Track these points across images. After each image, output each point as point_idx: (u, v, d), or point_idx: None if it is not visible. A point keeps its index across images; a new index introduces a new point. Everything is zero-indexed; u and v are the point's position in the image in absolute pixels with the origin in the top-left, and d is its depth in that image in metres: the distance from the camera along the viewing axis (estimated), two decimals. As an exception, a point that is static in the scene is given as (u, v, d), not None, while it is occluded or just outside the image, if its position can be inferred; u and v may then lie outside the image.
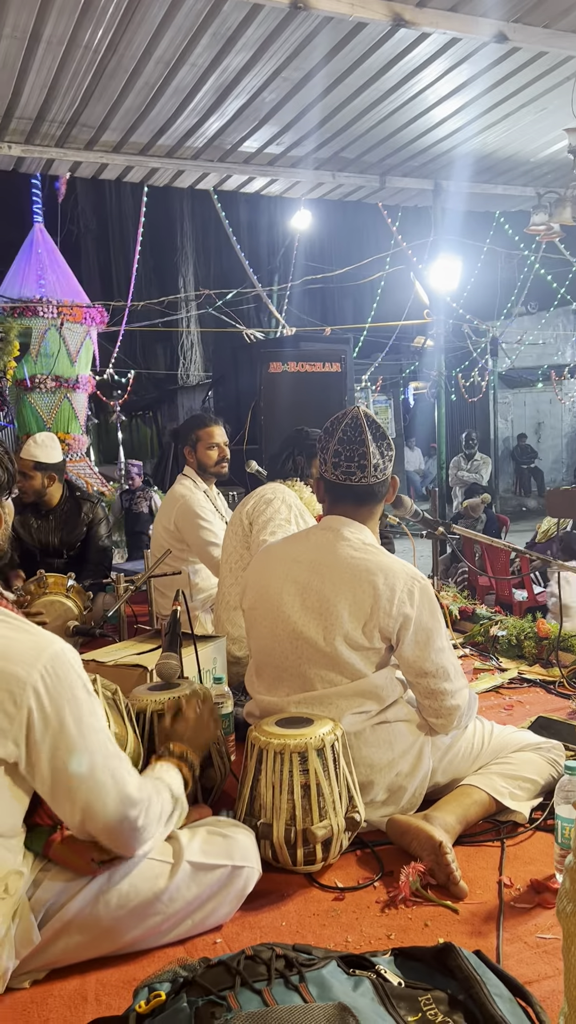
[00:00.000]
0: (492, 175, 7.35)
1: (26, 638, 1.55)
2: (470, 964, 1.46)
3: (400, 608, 2.14)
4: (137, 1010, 1.38)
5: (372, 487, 2.27)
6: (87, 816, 1.57)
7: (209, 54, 4.82)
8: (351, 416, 2.26)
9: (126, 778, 1.61)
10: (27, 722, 1.51)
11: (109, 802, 1.57)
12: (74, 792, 1.55)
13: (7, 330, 6.75)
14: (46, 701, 1.52)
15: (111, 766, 1.58)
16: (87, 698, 1.58)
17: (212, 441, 4.20)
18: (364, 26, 4.50)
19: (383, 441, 2.27)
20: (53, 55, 4.72)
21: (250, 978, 1.37)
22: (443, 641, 2.21)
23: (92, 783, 1.56)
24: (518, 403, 17.93)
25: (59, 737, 1.53)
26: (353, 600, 2.16)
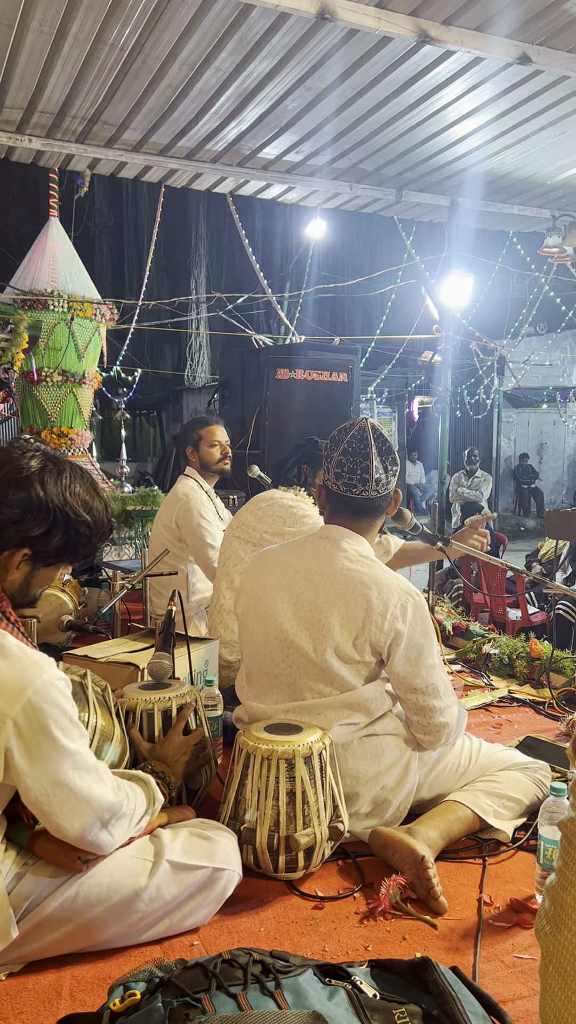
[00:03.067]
0: (508, 195, 7.38)
1: (13, 668, 1.54)
2: (446, 980, 1.46)
3: (392, 624, 2.13)
4: (111, 1008, 1.37)
5: (372, 501, 2.26)
6: (63, 827, 1.59)
7: (234, 59, 4.84)
8: (358, 428, 2.26)
9: (103, 790, 1.62)
10: (5, 752, 1.52)
11: (86, 815, 1.59)
12: (55, 812, 1.57)
13: (17, 322, 6.74)
14: (26, 734, 1.52)
15: (87, 783, 1.59)
16: (69, 726, 1.57)
17: (214, 439, 4.22)
18: (389, 41, 4.52)
19: (388, 456, 2.26)
20: (79, 51, 4.74)
21: (226, 982, 1.37)
22: (434, 658, 2.21)
23: (72, 803, 1.57)
24: (522, 423, 17.94)
25: (40, 766, 1.54)
26: (346, 612, 2.16)
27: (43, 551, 1.65)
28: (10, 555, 1.63)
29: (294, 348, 7.37)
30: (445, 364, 8.27)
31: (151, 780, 1.85)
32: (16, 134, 5.90)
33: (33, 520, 1.61)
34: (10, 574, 1.65)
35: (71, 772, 1.57)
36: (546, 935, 1.07)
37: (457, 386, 10.48)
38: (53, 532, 1.64)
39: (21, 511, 1.60)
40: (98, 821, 1.61)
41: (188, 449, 4.26)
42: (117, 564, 6.09)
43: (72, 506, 1.65)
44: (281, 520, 3.28)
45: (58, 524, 1.64)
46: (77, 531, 1.67)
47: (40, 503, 1.61)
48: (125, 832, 1.71)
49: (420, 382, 14.50)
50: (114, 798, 1.64)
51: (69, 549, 1.68)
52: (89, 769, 1.61)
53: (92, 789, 1.60)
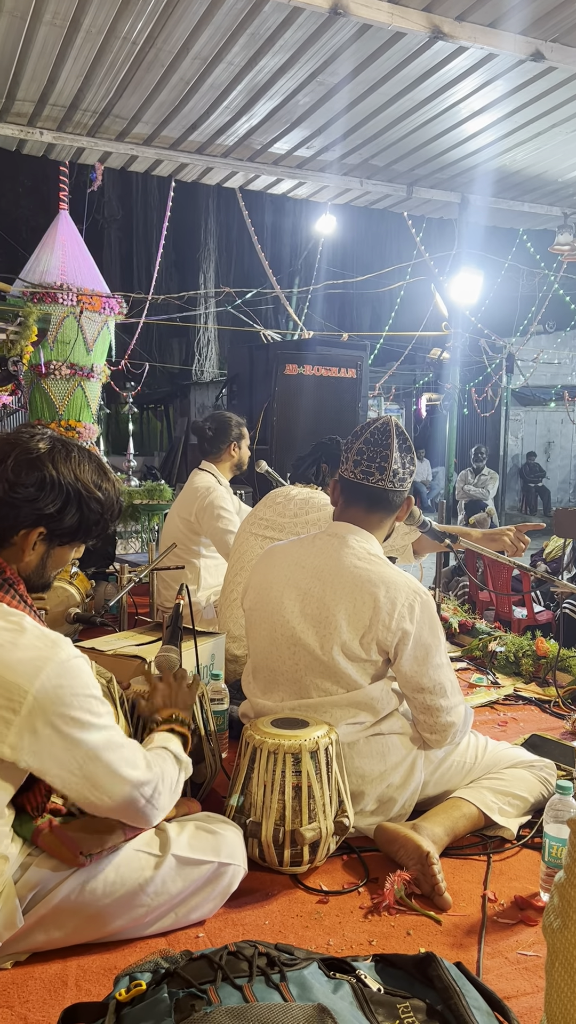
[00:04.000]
0: (518, 192, 7.36)
1: (31, 643, 1.54)
2: (450, 975, 1.46)
3: (399, 623, 2.13)
4: (117, 998, 1.38)
5: (387, 492, 2.24)
6: (105, 806, 1.61)
7: (246, 54, 4.84)
8: (382, 422, 2.26)
9: (136, 764, 1.63)
10: (29, 728, 1.51)
11: (122, 792, 1.60)
12: (91, 789, 1.57)
13: (26, 315, 6.75)
14: (48, 710, 1.52)
15: (122, 757, 1.60)
16: (90, 701, 1.58)
17: (249, 440, 4.31)
18: (402, 36, 4.52)
19: (408, 454, 2.26)
20: (91, 44, 4.75)
21: (232, 974, 1.38)
22: (442, 657, 2.20)
23: (105, 778, 1.58)
24: (529, 421, 17.92)
25: (64, 742, 1.54)
26: (353, 611, 2.15)
27: (58, 529, 1.66)
28: (26, 534, 1.64)
29: (303, 344, 7.37)
30: (454, 361, 8.26)
31: (169, 741, 1.84)
32: (28, 127, 5.91)
33: (47, 498, 1.63)
34: (26, 555, 1.66)
35: (101, 747, 1.57)
36: (553, 932, 1.08)
37: (465, 383, 10.45)
38: (67, 509, 1.65)
39: (35, 489, 1.61)
40: (140, 796, 1.63)
41: (232, 446, 4.27)
42: (124, 557, 6.11)
43: (84, 483, 1.67)
44: (303, 510, 3.29)
45: (71, 501, 1.65)
46: (90, 507, 1.68)
47: (53, 481, 1.63)
48: (169, 801, 1.72)
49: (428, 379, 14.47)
50: (149, 774, 1.65)
51: (83, 527, 1.69)
52: (120, 744, 1.62)
53: (125, 764, 1.60)
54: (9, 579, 1.61)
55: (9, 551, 1.65)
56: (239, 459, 4.31)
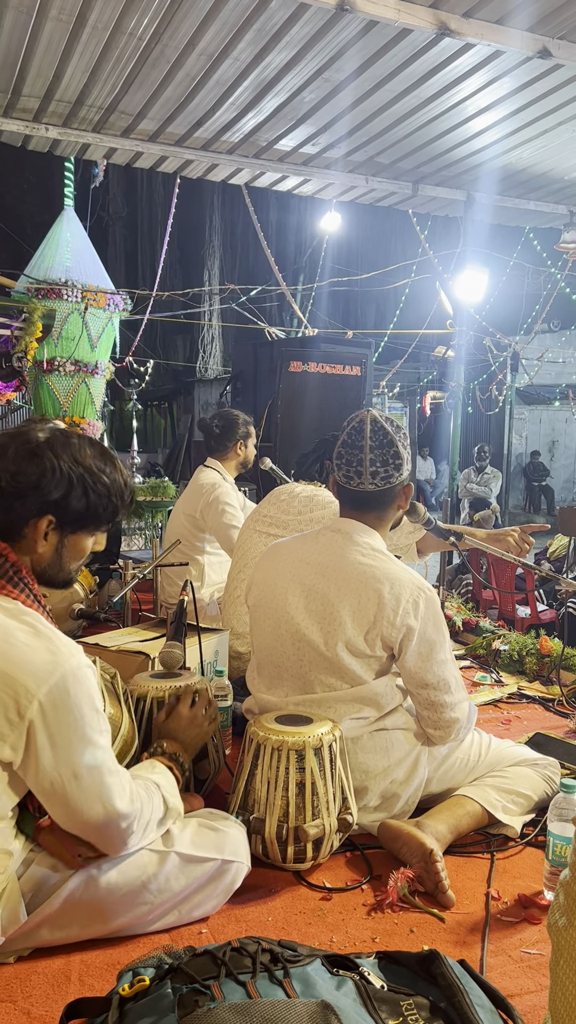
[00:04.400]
0: (524, 190, 7.34)
1: (43, 647, 1.54)
2: (454, 973, 1.46)
3: (404, 619, 2.12)
4: (120, 993, 1.38)
5: (371, 494, 2.23)
6: (78, 823, 1.59)
7: (252, 50, 4.82)
8: (358, 420, 2.24)
9: (121, 794, 1.61)
10: (28, 732, 1.51)
11: (102, 814, 1.59)
12: (68, 802, 1.56)
13: (31, 311, 6.76)
14: (51, 717, 1.51)
15: (108, 783, 1.59)
16: (93, 716, 1.57)
17: (256, 439, 4.31)
18: (408, 33, 4.49)
19: (388, 448, 2.21)
20: (97, 40, 4.73)
21: (235, 970, 1.38)
22: (446, 653, 2.20)
23: (87, 797, 1.57)
24: (534, 420, 17.89)
25: (61, 753, 1.53)
26: (357, 607, 2.15)
27: (66, 516, 1.65)
28: (35, 524, 1.63)
29: (307, 341, 7.36)
30: (458, 359, 8.23)
31: (162, 780, 1.82)
32: (33, 123, 5.89)
33: (50, 484, 1.61)
34: (39, 546, 1.65)
35: (93, 766, 1.56)
36: (559, 929, 1.07)
37: (469, 382, 10.44)
38: (72, 494, 1.64)
39: (37, 477, 1.61)
40: (114, 827, 1.61)
41: (238, 444, 4.27)
42: (128, 554, 6.11)
43: (86, 467, 1.66)
44: (307, 508, 3.29)
45: (75, 486, 1.64)
46: (96, 491, 1.67)
47: (54, 467, 1.62)
48: (141, 838, 1.69)
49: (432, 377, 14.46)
50: (131, 807, 1.63)
51: (92, 512, 1.68)
52: (112, 770, 1.60)
53: (109, 791, 1.58)
54: (24, 578, 1.61)
55: (22, 545, 1.64)
56: (245, 458, 4.31)
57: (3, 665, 1.49)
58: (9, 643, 1.52)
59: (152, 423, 22.40)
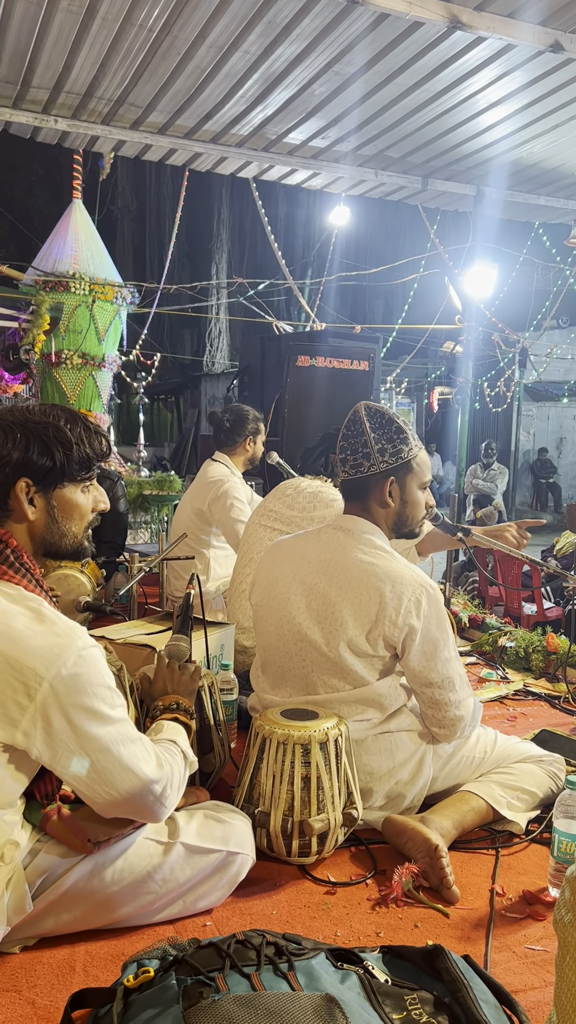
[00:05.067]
0: (535, 185, 7.31)
1: (50, 632, 1.53)
2: (458, 968, 1.46)
3: (406, 618, 2.10)
4: (125, 984, 1.39)
5: (347, 483, 2.28)
6: (114, 799, 1.59)
7: (262, 42, 4.81)
8: (352, 414, 2.27)
9: (148, 760, 1.62)
10: (43, 716, 1.50)
11: (136, 784, 1.58)
12: (100, 781, 1.56)
13: (39, 303, 6.76)
14: (64, 698, 1.50)
15: (133, 752, 1.59)
16: (106, 691, 1.57)
17: (264, 436, 4.29)
18: (420, 26, 4.48)
19: (390, 425, 2.22)
20: (107, 32, 4.72)
21: (240, 962, 1.38)
22: (450, 651, 2.18)
23: (117, 770, 1.56)
24: (541, 416, 17.84)
25: (80, 732, 1.53)
26: (358, 606, 2.13)
27: (38, 474, 1.62)
28: (14, 492, 1.61)
29: (315, 335, 7.35)
30: (466, 355, 8.22)
31: (178, 734, 1.83)
32: (42, 114, 5.89)
33: (6, 447, 1.59)
34: (29, 512, 1.63)
35: (114, 740, 1.56)
36: (565, 925, 1.07)
37: (478, 378, 10.41)
38: (31, 449, 1.61)
39: None
40: (149, 793, 1.61)
41: (247, 439, 4.27)
42: (134, 548, 6.11)
43: (36, 421, 1.63)
44: (311, 505, 3.28)
45: (32, 440, 1.61)
46: (58, 440, 1.63)
47: (4, 429, 1.60)
48: (177, 798, 1.70)
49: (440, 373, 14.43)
50: (160, 771, 1.63)
51: (62, 463, 1.64)
52: (132, 739, 1.60)
53: (136, 759, 1.59)
54: (25, 563, 1.61)
55: (15, 520, 1.63)
56: (253, 454, 4.30)
57: (8, 650, 1.49)
58: (13, 628, 1.51)
59: (159, 417, 22.42)
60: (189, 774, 1.80)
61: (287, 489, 3.40)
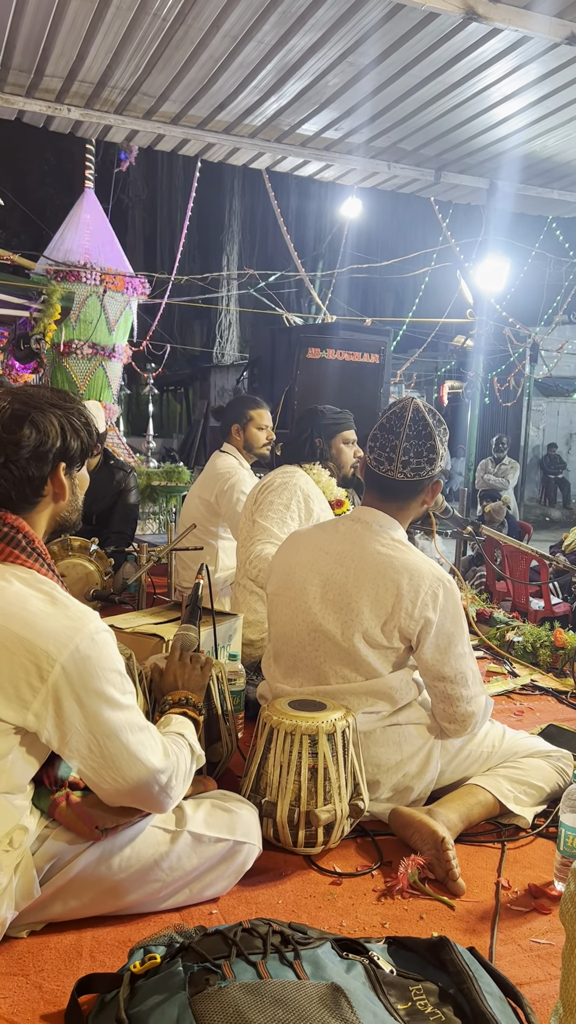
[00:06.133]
0: (548, 179, 7.26)
1: (62, 613, 1.55)
2: (463, 960, 1.46)
3: (422, 611, 2.10)
4: (132, 970, 1.40)
5: (398, 483, 2.19)
6: (120, 788, 1.60)
7: (277, 32, 4.79)
8: (400, 406, 2.21)
9: (155, 749, 1.63)
10: (54, 699, 1.51)
11: (143, 772, 1.59)
12: (107, 766, 1.57)
13: (50, 293, 6.76)
14: (76, 680, 1.51)
15: (141, 740, 1.60)
16: (117, 677, 1.58)
17: (263, 422, 4.25)
18: (435, 17, 4.45)
19: (425, 441, 2.17)
20: (122, 20, 4.71)
21: (246, 950, 1.39)
22: (464, 646, 2.17)
23: (125, 757, 1.57)
24: (552, 412, 17.77)
25: (90, 714, 1.54)
26: (375, 598, 2.13)
27: (71, 458, 1.68)
28: (54, 477, 1.66)
29: (326, 328, 7.32)
30: (477, 349, 8.19)
31: (185, 727, 1.84)
32: (55, 103, 5.88)
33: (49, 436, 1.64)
34: (66, 493, 1.69)
35: (122, 726, 1.57)
36: (571, 918, 1.07)
37: (488, 372, 10.37)
38: (66, 432, 1.66)
39: (38, 436, 1.62)
40: (155, 783, 1.62)
41: (235, 427, 4.25)
42: (143, 538, 6.13)
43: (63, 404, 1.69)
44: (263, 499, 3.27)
45: (65, 423, 1.67)
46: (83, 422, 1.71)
47: (43, 421, 1.64)
48: (182, 790, 1.71)
49: (450, 367, 14.38)
50: (167, 761, 1.64)
51: (85, 445, 1.71)
52: (141, 727, 1.61)
53: (144, 748, 1.60)
54: (38, 548, 1.62)
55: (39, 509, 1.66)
56: (244, 441, 4.26)
57: (22, 631, 1.50)
58: (27, 610, 1.53)
59: (168, 408, 22.44)
60: (196, 768, 1.81)
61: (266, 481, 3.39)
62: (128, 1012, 1.30)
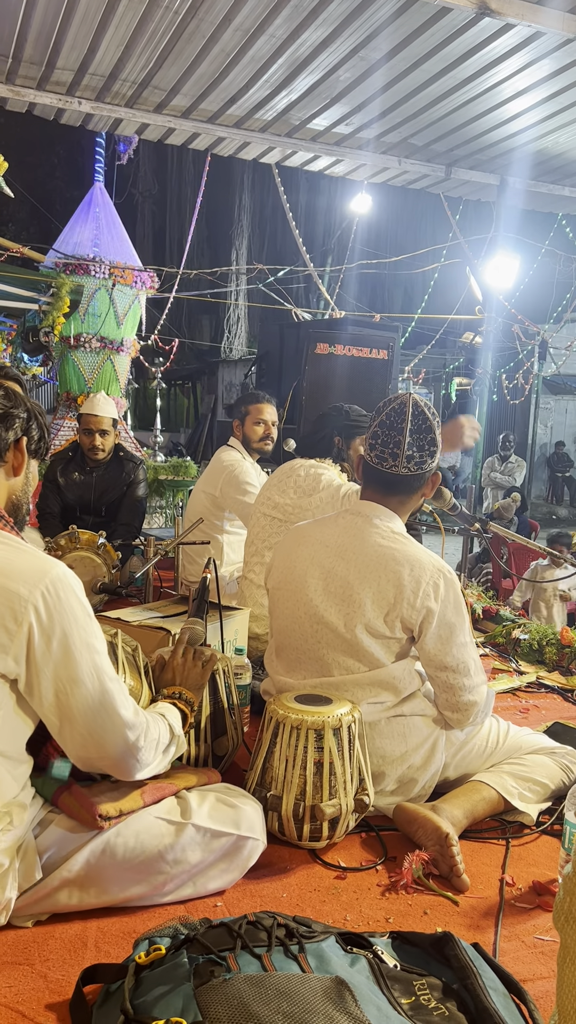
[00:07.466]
0: (559, 176, 7.24)
1: (29, 559, 1.57)
2: (467, 955, 1.47)
3: (424, 601, 2.12)
4: (137, 960, 1.40)
5: (402, 478, 2.22)
6: (86, 738, 1.59)
7: (289, 26, 4.78)
8: (399, 402, 2.22)
9: (124, 701, 1.63)
10: (28, 640, 1.52)
11: (108, 722, 1.59)
12: (73, 711, 1.57)
13: (59, 286, 6.77)
14: (46, 620, 1.53)
15: (110, 688, 1.60)
16: (87, 620, 1.59)
17: (260, 417, 4.24)
18: (447, 12, 4.44)
19: (426, 435, 2.20)
20: (133, 13, 4.71)
21: (251, 942, 1.40)
22: (466, 636, 2.19)
23: (92, 703, 1.57)
24: (559, 410, 17.73)
25: (60, 656, 1.55)
26: (377, 589, 2.15)
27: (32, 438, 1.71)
28: (20, 445, 1.69)
29: (334, 323, 7.32)
30: (486, 346, 8.17)
31: (167, 710, 1.84)
32: (66, 96, 5.88)
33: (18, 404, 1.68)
34: (21, 468, 1.71)
35: (95, 671, 1.57)
36: (563, 924, 1.06)
37: (496, 369, 10.34)
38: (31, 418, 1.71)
39: (11, 397, 1.67)
40: (123, 739, 1.61)
41: (235, 422, 4.28)
42: (149, 532, 6.14)
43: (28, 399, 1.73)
44: (304, 492, 3.25)
45: (31, 409, 1.71)
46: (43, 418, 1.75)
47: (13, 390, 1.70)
48: (152, 758, 1.71)
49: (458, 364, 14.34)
50: (136, 719, 1.64)
51: (43, 439, 1.75)
52: (111, 677, 1.61)
53: (114, 698, 1.59)
54: (2, 515, 1.65)
55: None
56: (244, 435, 4.27)
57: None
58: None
59: (175, 402, 22.42)
60: (177, 752, 1.81)
61: (281, 475, 3.38)
62: (133, 1002, 1.31)
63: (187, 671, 2.03)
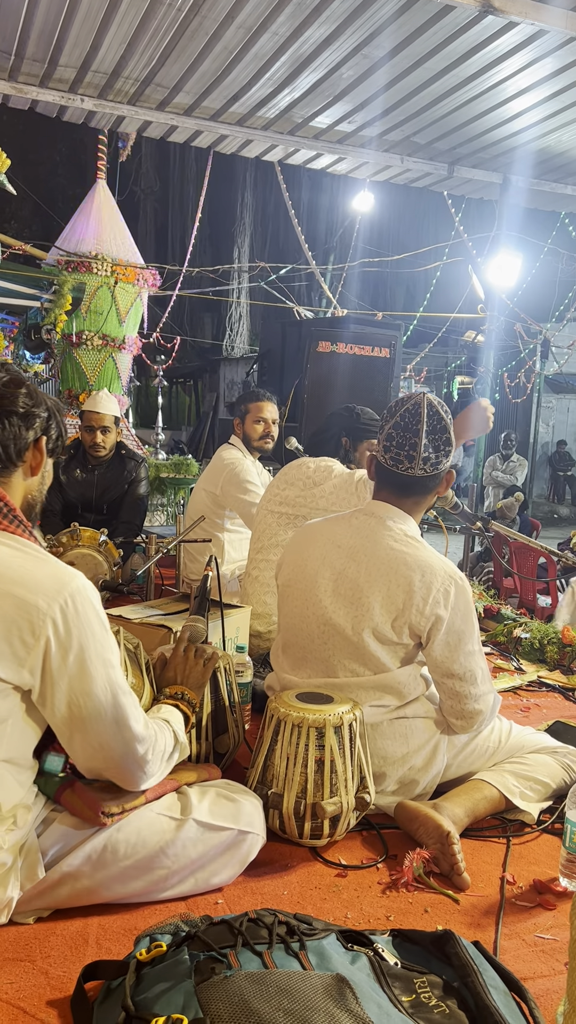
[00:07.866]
0: (562, 174, 7.23)
1: (48, 570, 1.57)
2: (468, 953, 1.47)
3: (433, 608, 2.10)
4: (138, 957, 1.41)
5: (418, 480, 2.20)
6: (96, 750, 1.60)
7: (292, 24, 4.77)
8: (413, 402, 2.19)
9: (136, 715, 1.64)
10: (44, 653, 1.53)
11: (119, 736, 1.60)
12: (86, 724, 1.58)
13: (61, 283, 6.76)
14: (64, 634, 1.53)
15: (123, 703, 1.61)
16: (104, 634, 1.60)
17: (260, 415, 4.24)
18: (451, 10, 4.43)
19: (441, 435, 2.18)
20: (136, 10, 4.70)
21: (252, 940, 1.40)
22: (474, 644, 2.17)
23: (104, 717, 1.58)
24: (561, 409, 17.72)
25: (75, 670, 1.55)
26: (386, 594, 2.13)
27: (50, 439, 1.73)
28: (39, 444, 1.70)
29: (336, 321, 7.32)
30: (488, 345, 8.16)
31: (171, 715, 1.85)
32: (69, 93, 5.87)
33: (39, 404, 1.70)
34: (40, 468, 1.72)
35: (106, 685, 1.58)
36: None
37: (498, 368, 10.34)
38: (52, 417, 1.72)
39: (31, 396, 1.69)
40: (134, 751, 1.63)
41: (236, 420, 4.29)
42: (151, 530, 6.14)
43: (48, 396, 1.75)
44: (313, 482, 3.24)
45: (52, 408, 1.73)
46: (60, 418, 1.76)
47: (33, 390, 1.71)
48: (158, 769, 1.72)
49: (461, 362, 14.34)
50: (146, 731, 1.66)
51: (60, 437, 1.77)
52: (125, 691, 1.62)
53: (126, 711, 1.60)
54: (19, 517, 1.65)
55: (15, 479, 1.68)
56: (244, 433, 4.27)
57: (13, 589, 1.52)
58: (16, 570, 1.55)
59: (177, 400, 22.41)
60: (179, 758, 1.82)
61: (290, 470, 3.38)
62: (134, 999, 1.31)
63: (189, 669, 2.03)
